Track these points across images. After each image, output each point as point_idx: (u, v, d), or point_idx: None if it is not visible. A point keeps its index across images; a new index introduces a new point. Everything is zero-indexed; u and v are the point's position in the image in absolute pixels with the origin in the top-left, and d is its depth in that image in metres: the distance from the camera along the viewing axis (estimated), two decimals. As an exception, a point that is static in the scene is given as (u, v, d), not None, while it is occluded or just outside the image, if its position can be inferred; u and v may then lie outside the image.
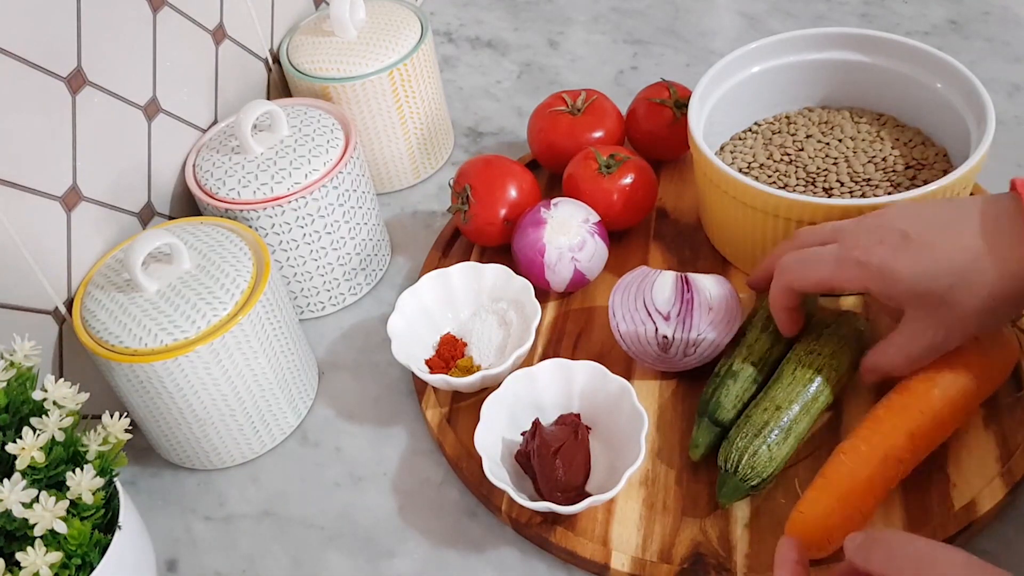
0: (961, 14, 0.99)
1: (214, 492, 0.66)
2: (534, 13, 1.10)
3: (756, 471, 0.57)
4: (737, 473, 0.57)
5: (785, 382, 0.60)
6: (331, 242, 0.73)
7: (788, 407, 0.58)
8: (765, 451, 0.57)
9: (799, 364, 0.60)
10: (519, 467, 0.62)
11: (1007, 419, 0.61)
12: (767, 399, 0.59)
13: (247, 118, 0.68)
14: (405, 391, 0.71)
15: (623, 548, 0.58)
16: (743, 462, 0.57)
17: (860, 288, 0.55)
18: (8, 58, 0.56)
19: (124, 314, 0.59)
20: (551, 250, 0.70)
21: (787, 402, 0.59)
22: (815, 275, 0.57)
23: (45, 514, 0.46)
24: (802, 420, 0.59)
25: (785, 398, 0.59)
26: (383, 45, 0.80)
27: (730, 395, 0.61)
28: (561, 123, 0.81)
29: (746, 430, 0.58)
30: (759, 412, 0.59)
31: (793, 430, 0.58)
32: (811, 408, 0.59)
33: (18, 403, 0.51)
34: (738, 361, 0.62)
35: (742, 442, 0.57)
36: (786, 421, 0.58)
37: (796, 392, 0.59)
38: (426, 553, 0.60)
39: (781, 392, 0.59)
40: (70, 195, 0.62)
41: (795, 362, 0.61)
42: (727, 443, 0.58)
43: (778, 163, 0.73)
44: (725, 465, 0.58)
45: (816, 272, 0.57)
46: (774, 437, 0.57)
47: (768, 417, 0.58)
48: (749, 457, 0.57)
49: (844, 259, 0.55)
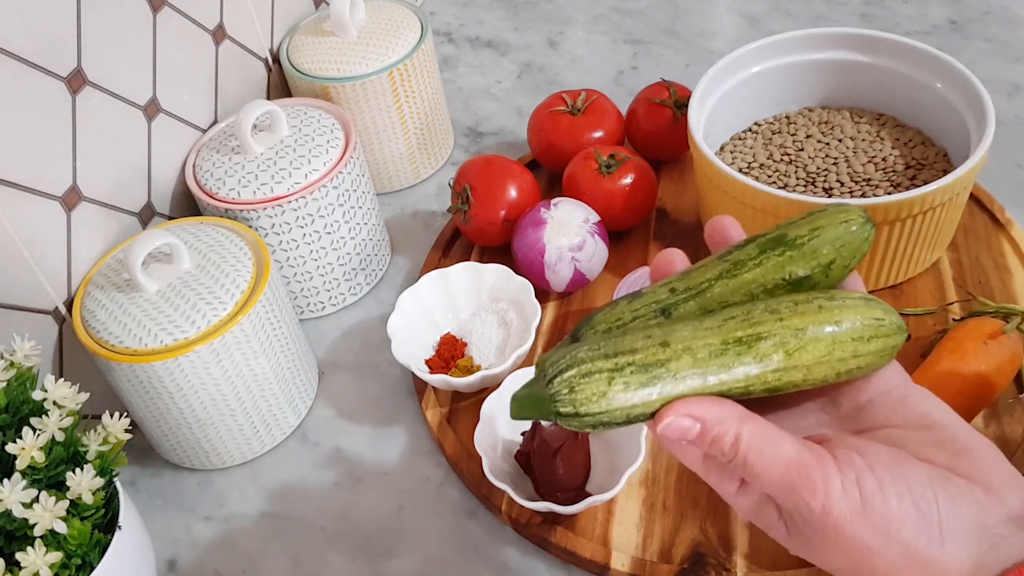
0: (961, 14, 0.99)
1: (214, 492, 0.66)
2: (534, 13, 1.10)
3: (573, 396, 0.36)
4: (550, 384, 0.37)
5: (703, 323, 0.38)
6: (331, 242, 0.73)
7: (678, 352, 0.37)
8: (601, 381, 0.36)
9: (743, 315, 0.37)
10: (519, 467, 0.62)
11: (1007, 419, 0.61)
12: (663, 330, 0.37)
13: (247, 118, 0.68)
14: (405, 391, 0.71)
15: (623, 548, 0.58)
16: (565, 375, 0.37)
17: None
18: (8, 58, 0.56)
19: (124, 314, 0.59)
20: (551, 250, 0.70)
21: (681, 346, 0.37)
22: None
23: (45, 514, 0.46)
24: (684, 378, 0.36)
25: (684, 339, 0.37)
26: (383, 45, 0.80)
27: (611, 314, 0.41)
28: (561, 123, 0.81)
29: (603, 345, 0.37)
30: (638, 336, 0.37)
31: (661, 382, 0.36)
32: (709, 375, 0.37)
33: (18, 403, 0.51)
34: (658, 283, 0.41)
35: (586, 353, 0.37)
36: (661, 365, 0.36)
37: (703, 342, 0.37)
38: (426, 553, 0.60)
39: (686, 331, 0.37)
40: (70, 195, 0.62)
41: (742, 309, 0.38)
42: (568, 347, 0.38)
43: (778, 163, 0.73)
44: (545, 365, 0.38)
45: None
46: (627, 373, 0.36)
47: (641, 346, 0.37)
48: (577, 374, 0.36)
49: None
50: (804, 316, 0.37)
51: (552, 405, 0.37)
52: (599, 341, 0.37)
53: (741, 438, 0.37)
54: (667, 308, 0.40)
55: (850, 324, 0.37)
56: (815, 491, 0.36)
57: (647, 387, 0.36)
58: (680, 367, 0.36)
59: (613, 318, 0.41)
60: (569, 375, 0.37)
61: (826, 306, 0.37)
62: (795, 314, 0.37)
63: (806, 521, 0.37)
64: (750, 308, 0.38)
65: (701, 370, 0.37)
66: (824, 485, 0.36)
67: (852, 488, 0.36)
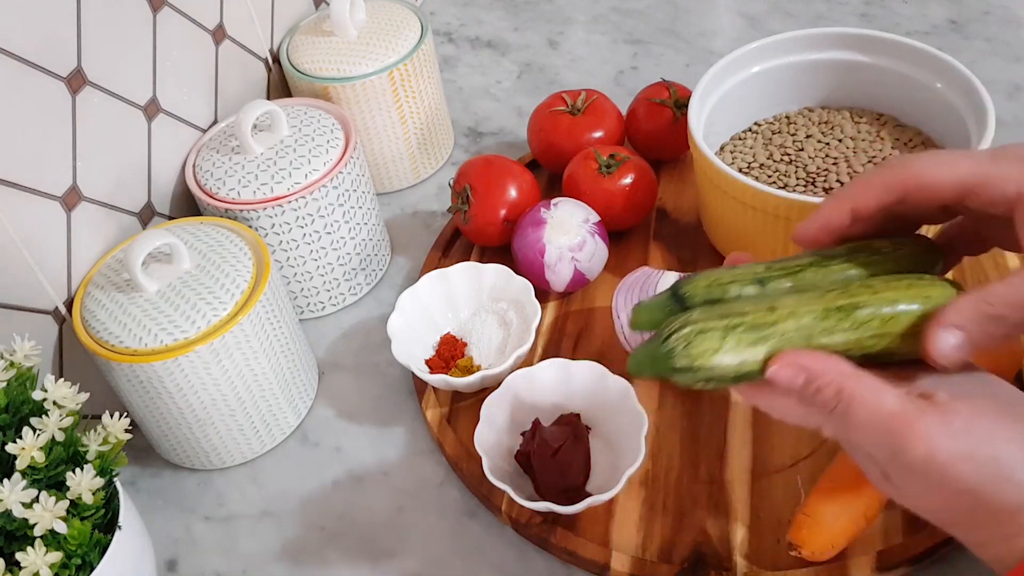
0: (961, 14, 0.99)
1: (214, 492, 0.66)
2: (534, 13, 1.10)
3: (690, 351, 0.41)
4: (666, 341, 0.42)
5: (807, 295, 0.43)
6: (331, 242, 0.73)
7: (785, 319, 0.41)
8: (717, 336, 0.41)
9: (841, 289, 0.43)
10: (519, 467, 0.62)
11: (1007, 419, 0.61)
12: (769, 297, 0.43)
13: (247, 118, 0.68)
14: (405, 391, 0.71)
15: (623, 548, 0.58)
16: (681, 333, 0.41)
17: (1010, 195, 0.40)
18: (8, 58, 0.56)
19: (124, 314, 0.59)
20: (551, 250, 0.70)
21: (787, 311, 0.42)
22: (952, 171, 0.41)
23: (45, 514, 0.46)
24: (790, 339, 0.41)
25: (790, 306, 0.42)
26: (383, 45, 0.80)
27: (712, 276, 0.45)
28: (561, 123, 0.81)
29: (715, 309, 0.42)
30: (746, 302, 0.43)
31: (770, 341, 0.41)
32: (813, 338, 0.41)
33: (18, 403, 0.51)
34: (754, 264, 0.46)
35: (699, 315, 0.42)
36: (770, 326, 0.41)
37: (807, 309, 0.42)
38: (426, 553, 0.60)
39: (791, 299, 0.42)
40: (70, 195, 0.62)
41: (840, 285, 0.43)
42: (684, 312, 0.43)
43: (778, 163, 0.73)
44: (663, 328, 0.43)
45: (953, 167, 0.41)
46: (739, 330, 0.41)
47: (750, 309, 0.42)
48: (692, 332, 0.41)
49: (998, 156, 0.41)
50: (897, 291, 0.41)
51: (669, 361, 0.41)
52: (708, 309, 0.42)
53: (844, 389, 0.39)
54: (763, 280, 0.44)
55: (937, 300, 0.41)
56: (919, 438, 0.37)
57: (757, 345, 0.41)
58: (786, 328, 0.41)
59: (713, 277, 0.44)
60: (685, 332, 0.41)
61: (916, 284, 0.42)
62: (889, 289, 0.41)
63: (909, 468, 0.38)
64: (847, 283, 0.43)
65: (805, 333, 0.41)
66: (927, 431, 0.37)
67: (960, 433, 0.37)
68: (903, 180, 0.42)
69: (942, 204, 0.43)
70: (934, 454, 0.37)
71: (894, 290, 0.41)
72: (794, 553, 0.54)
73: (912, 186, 0.42)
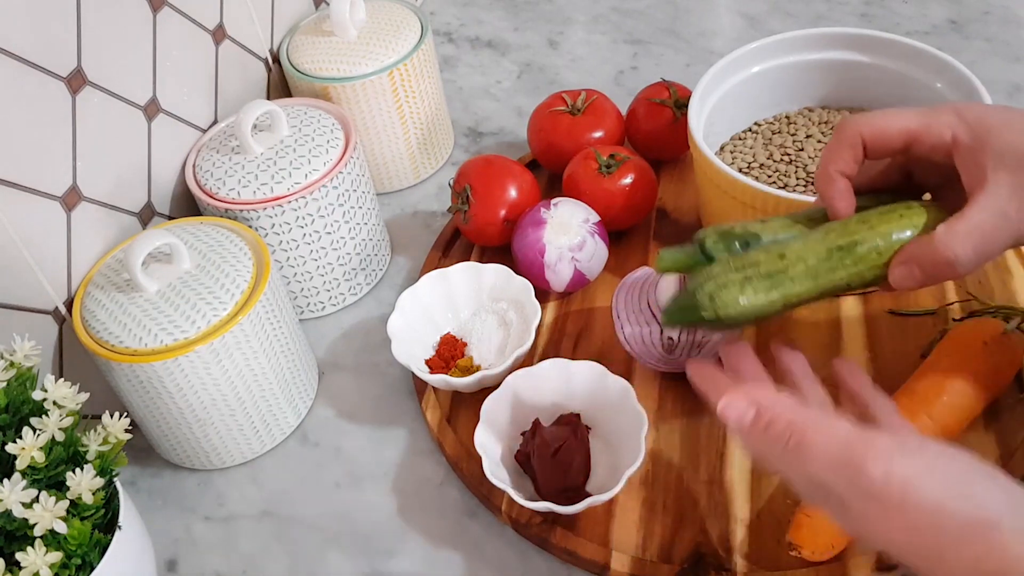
0: (961, 14, 0.99)
1: (214, 492, 0.66)
2: (534, 13, 1.10)
3: (715, 303, 0.48)
4: (694, 295, 0.49)
5: (811, 237, 0.49)
6: (331, 242, 0.73)
7: (793, 261, 0.48)
8: (736, 289, 0.48)
9: (840, 227, 0.49)
10: (519, 467, 0.62)
11: (1007, 419, 0.61)
12: (778, 245, 0.50)
13: (247, 118, 0.68)
14: (405, 391, 0.71)
15: (623, 548, 0.58)
16: (706, 286, 0.49)
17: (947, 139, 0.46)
18: (8, 58, 0.56)
19: (124, 314, 0.59)
20: (551, 250, 0.70)
21: (796, 256, 0.48)
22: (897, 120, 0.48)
23: (45, 514, 0.46)
24: (800, 282, 0.48)
25: (797, 251, 0.49)
26: (383, 45, 0.80)
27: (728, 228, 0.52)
28: (561, 123, 0.81)
29: (733, 262, 0.49)
30: (759, 252, 0.50)
31: (783, 287, 0.48)
32: (820, 276, 0.48)
33: (18, 403, 0.51)
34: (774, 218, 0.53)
35: (719, 268, 0.49)
36: (781, 273, 0.48)
37: (813, 251, 0.49)
38: (426, 553, 0.60)
39: (798, 244, 0.49)
40: (70, 195, 0.62)
41: (839, 224, 0.50)
42: (707, 266, 0.50)
43: (778, 163, 0.73)
44: (690, 283, 0.50)
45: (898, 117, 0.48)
46: (755, 281, 0.48)
47: (763, 259, 0.49)
48: (715, 286, 0.48)
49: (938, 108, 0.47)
50: (890, 223, 0.48)
51: (697, 312, 0.49)
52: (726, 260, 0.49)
53: (794, 421, 0.40)
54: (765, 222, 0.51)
55: (923, 223, 0.48)
56: (877, 457, 0.37)
57: (772, 290, 0.48)
58: (796, 272, 0.48)
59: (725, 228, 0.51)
60: (709, 287, 0.48)
61: (905, 213, 0.48)
62: (882, 222, 0.48)
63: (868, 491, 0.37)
64: (848, 220, 0.49)
65: (813, 274, 0.48)
66: (885, 449, 0.37)
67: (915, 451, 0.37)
68: (859, 131, 0.48)
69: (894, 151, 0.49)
70: (893, 470, 0.37)
71: (887, 223, 0.48)
72: (794, 553, 0.54)
73: (867, 135, 0.48)
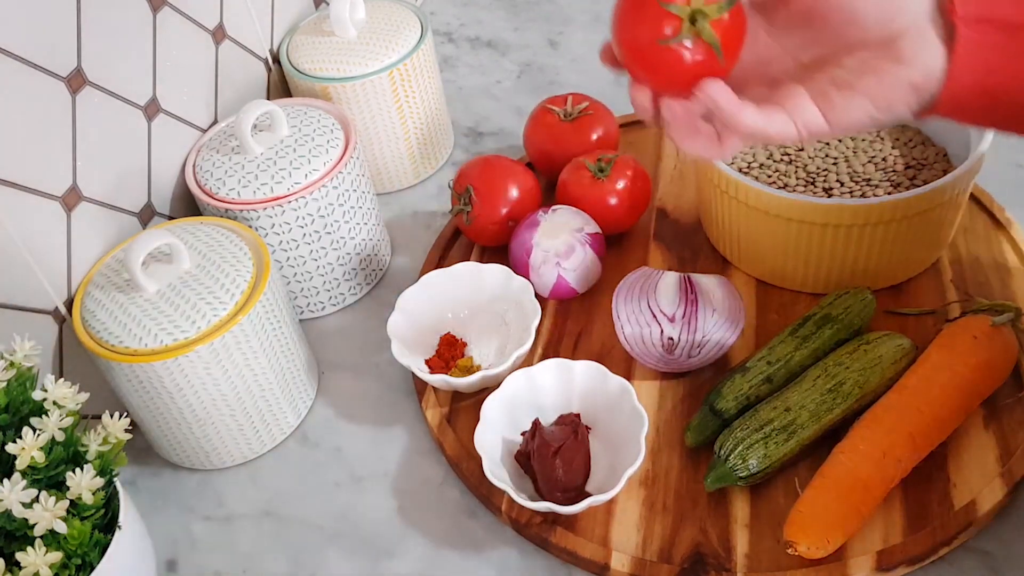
0: (961, 14, 0.99)
1: (214, 492, 0.66)
2: (534, 13, 1.10)
3: (746, 464, 0.57)
4: (728, 462, 0.57)
5: (803, 387, 0.60)
6: (331, 242, 0.73)
7: (797, 411, 0.58)
8: (760, 447, 0.57)
9: (823, 373, 0.60)
10: (519, 467, 0.62)
11: (1007, 419, 0.61)
12: (779, 399, 0.59)
13: (247, 118, 0.68)
14: (405, 391, 0.71)
15: (623, 548, 0.58)
16: (735, 452, 0.57)
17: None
18: (8, 58, 0.56)
19: (124, 314, 0.59)
20: (537, 252, 0.70)
21: (798, 406, 0.58)
22: None
23: (45, 514, 0.46)
24: (808, 427, 0.58)
25: (797, 401, 0.59)
26: (383, 45, 0.80)
27: (733, 387, 0.61)
28: (554, 130, 0.80)
29: (749, 423, 0.58)
30: (767, 409, 0.59)
31: (797, 434, 0.58)
32: (822, 417, 0.58)
33: (18, 403, 0.51)
34: (754, 359, 0.63)
35: (741, 433, 0.58)
36: (791, 424, 0.58)
37: (810, 398, 0.59)
38: (426, 553, 0.60)
39: (796, 395, 0.59)
40: (70, 195, 0.62)
41: (820, 369, 0.61)
42: (728, 430, 0.59)
43: (778, 163, 0.73)
44: (719, 451, 0.58)
45: None
46: (774, 436, 0.57)
47: (774, 416, 0.58)
48: (744, 449, 0.57)
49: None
50: (860, 359, 0.60)
51: (735, 474, 0.57)
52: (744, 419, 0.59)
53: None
54: (769, 376, 0.62)
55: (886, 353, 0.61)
56: None
57: (788, 441, 0.58)
58: (803, 420, 0.58)
59: (736, 389, 0.61)
60: (739, 451, 0.57)
61: (868, 349, 0.61)
62: (854, 360, 0.60)
63: None
64: (826, 365, 0.61)
65: (815, 417, 0.58)
66: None
67: None
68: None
69: None
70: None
71: (858, 359, 0.60)
72: (791, 551, 0.54)
73: None
